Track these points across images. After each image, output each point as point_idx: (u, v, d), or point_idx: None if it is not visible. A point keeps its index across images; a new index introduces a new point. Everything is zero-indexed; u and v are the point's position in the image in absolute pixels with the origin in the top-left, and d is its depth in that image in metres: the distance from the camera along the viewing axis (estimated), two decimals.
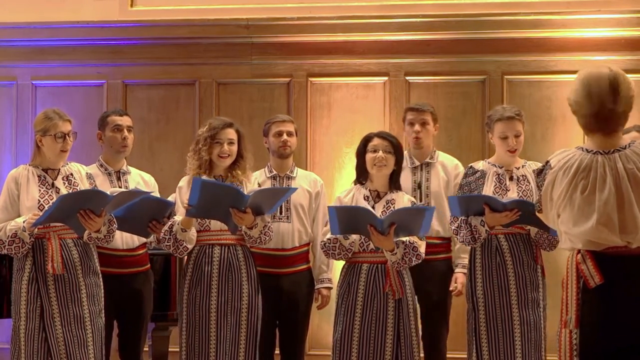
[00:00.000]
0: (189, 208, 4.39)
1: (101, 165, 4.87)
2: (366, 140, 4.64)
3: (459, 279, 4.90)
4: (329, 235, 4.52)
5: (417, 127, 5.03)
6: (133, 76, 6.68)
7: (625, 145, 3.12)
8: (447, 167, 5.07)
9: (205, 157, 4.64)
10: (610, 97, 3.13)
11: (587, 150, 3.14)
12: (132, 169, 4.97)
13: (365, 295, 4.47)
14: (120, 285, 4.72)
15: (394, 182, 4.64)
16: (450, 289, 4.95)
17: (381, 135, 4.65)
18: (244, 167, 4.68)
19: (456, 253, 4.97)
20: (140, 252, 4.86)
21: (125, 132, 4.85)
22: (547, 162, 3.22)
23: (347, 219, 4.36)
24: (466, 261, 4.77)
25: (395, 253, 4.41)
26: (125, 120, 4.89)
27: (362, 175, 4.67)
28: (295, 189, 4.77)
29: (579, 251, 3.13)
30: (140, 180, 4.92)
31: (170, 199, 4.74)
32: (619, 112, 3.15)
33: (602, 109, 3.13)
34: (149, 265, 4.93)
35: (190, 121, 6.61)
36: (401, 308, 4.47)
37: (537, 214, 3.46)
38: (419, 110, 5.06)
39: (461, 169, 4.99)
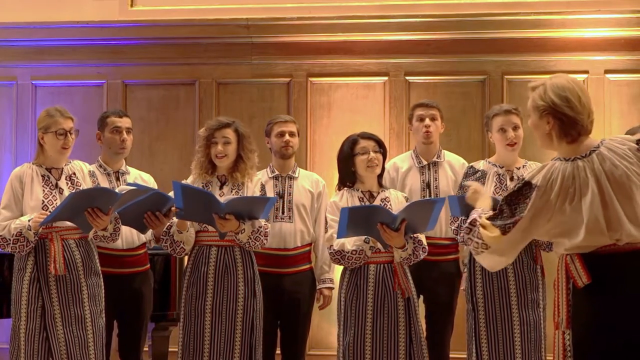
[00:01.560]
0: (177, 211, 4.40)
1: (100, 166, 4.86)
2: (352, 143, 4.59)
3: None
4: (350, 247, 4.43)
5: (427, 121, 5.07)
6: (133, 76, 6.68)
7: (598, 144, 3.13)
8: (455, 166, 5.09)
9: (201, 159, 4.65)
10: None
11: (565, 159, 3.13)
12: (131, 169, 4.96)
13: (375, 296, 4.42)
14: (120, 285, 4.71)
15: (382, 180, 4.65)
16: (462, 288, 4.92)
17: (366, 136, 4.61)
18: (243, 168, 4.64)
19: (465, 253, 4.96)
20: (141, 252, 4.86)
21: (124, 134, 4.84)
22: (529, 182, 3.12)
23: (360, 220, 4.28)
24: None
25: (406, 249, 4.40)
26: (124, 122, 4.87)
27: (348, 178, 4.62)
28: (275, 198, 4.76)
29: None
30: (139, 179, 4.91)
31: (171, 194, 4.73)
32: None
33: (591, 113, 3.15)
34: (148, 265, 4.93)
35: (190, 121, 6.61)
36: (410, 307, 4.44)
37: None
38: (429, 106, 5.12)
39: None
